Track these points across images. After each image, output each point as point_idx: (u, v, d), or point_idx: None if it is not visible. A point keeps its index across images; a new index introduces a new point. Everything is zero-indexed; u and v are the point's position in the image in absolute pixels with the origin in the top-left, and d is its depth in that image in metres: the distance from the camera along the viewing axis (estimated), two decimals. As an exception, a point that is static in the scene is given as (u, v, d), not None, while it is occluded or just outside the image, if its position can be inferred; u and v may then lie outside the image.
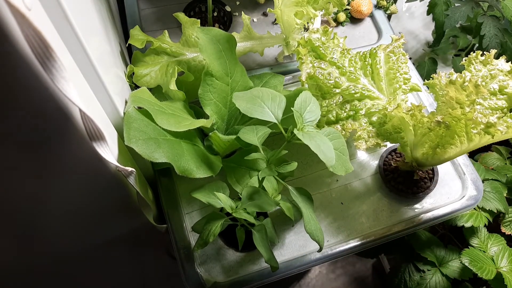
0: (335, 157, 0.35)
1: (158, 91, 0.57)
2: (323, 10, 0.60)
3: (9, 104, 0.25)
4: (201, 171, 0.48)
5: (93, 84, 0.39)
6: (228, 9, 0.73)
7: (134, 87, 0.57)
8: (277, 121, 0.35)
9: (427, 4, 0.83)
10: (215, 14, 0.72)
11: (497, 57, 0.52)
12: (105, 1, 0.58)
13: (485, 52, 0.52)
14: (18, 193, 0.35)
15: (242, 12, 0.64)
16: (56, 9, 0.31)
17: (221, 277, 0.52)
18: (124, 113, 0.45)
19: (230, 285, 0.51)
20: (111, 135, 0.41)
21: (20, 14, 0.21)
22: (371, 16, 0.76)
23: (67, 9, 0.32)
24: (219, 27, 0.71)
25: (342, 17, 0.74)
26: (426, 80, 0.53)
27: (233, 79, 0.53)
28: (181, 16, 0.60)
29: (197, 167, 0.48)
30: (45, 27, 0.27)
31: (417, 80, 0.67)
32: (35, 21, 0.22)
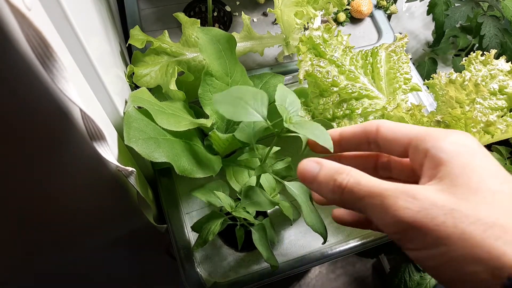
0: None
1: (158, 91, 0.57)
2: (323, 10, 0.60)
3: (9, 103, 0.25)
4: (201, 170, 0.48)
5: (93, 84, 0.39)
6: (228, 9, 0.73)
7: (134, 87, 0.57)
8: (264, 119, 0.35)
9: (427, 4, 0.83)
10: (215, 14, 0.73)
11: (497, 57, 0.52)
12: (105, 1, 0.58)
13: (485, 52, 0.52)
14: (18, 193, 0.36)
15: (242, 12, 0.65)
16: (56, 9, 0.31)
17: (221, 277, 0.52)
18: (124, 113, 0.45)
19: (230, 285, 0.51)
20: (111, 135, 0.41)
21: (20, 14, 0.21)
22: (371, 16, 0.76)
23: (67, 9, 0.32)
24: (219, 27, 0.71)
25: (342, 17, 0.74)
26: (426, 80, 0.53)
27: (233, 79, 0.53)
28: (181, 16, 0.60)
29: (197, 166, 0.48)
30: (45, 27, 0.27)
31: (417, 80, 0.67)
32: (35, 21, 0.22)
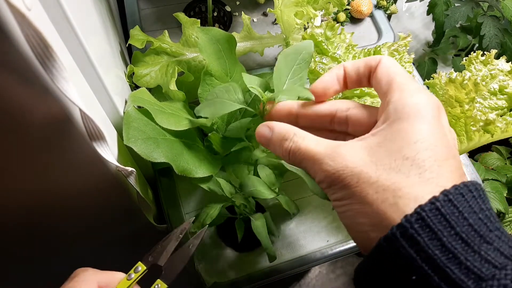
0: None
1: (158, 91, 0.57)
2: (323, 10, 0.60)
3: (9, 103, 0.25)
4: (201, 170, 0.48)
5: (93, 84, 0.39)
6: (228, 9, 0.73)
7: (134, 87, 0.57)
8: (242, 104, 0.36)
9: (427, 4, 0.83)
10: (215, 14, 0.73)
11: (497, 57, 0.52)
12: (105, 1, 0.58)
13: (485, 52, 0.52)
14: (17, 193, 0.36)
15: (242, 12, 0.65)
16: (56, 9, 0.31)
17: (221, 277, 0.52)
18: (124, 112, 0.45)
19: (230, 285, 0.51)
20: (111, 135, 0.41)
21: (20, 14, 0.21)
22: (371, 16, 0.76)
23: (67, 9, 0.32)
24: (219, 27, 0.71)
25: (342, 17, 0.74)
26: (426, 80, 0.53)
27: (233, 79, 0.53)
28: (181, 16, 0.60)
29: (196, 166, 0.48)
30: (45, 27, 0.27)
31: (417, 80, 0.67)
32: (35, 21, 0.22)
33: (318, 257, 0.53)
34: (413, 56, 0.56)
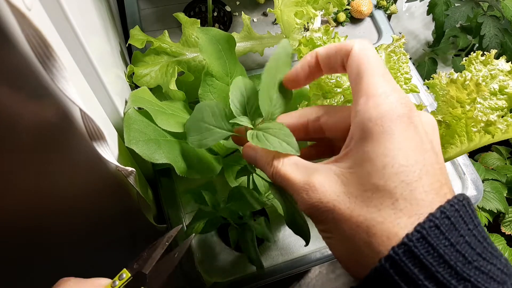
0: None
1: (158, 91, 0.57)
2: (323, 10, 0.60)
3: (8, 103, 0.25)
4: (202, 171, 0.48)
5: (93, 84, 0.39)
6: (228, 9, 0.73)
7: (134, 87, 0.57)
8: (230, 132, 0.34)
9: (427, 4, 0.83)
10: (215, 14, 0.72)
11: (497, 57, 0.52)
12: (105, 1, 0.58)
13: (485, 52, 0.52)
14: (17, 193, 0.35)
15: (242, 12, 0.64)
16: (56, 9, 0.31)
17: (221, 277, 0.52)
18: (124, 114, 0.45)
19: (230, 285, 0.51)
20: (111, 135, 0.41)
21: (20, 14, 0.21)
22: (371, 16, 0.76)
23: (67, 9, 0.32)
24: (219, 27, 0.71)
25: (342, 17, 0.74)
26: (426, 80, 0.53)
27: (233, 79, 0.53)
28: (181, 16, 0.60)
29: (197, 167, 0.48)
30: (45, 27, 0.27)
31: (417, 80, 0.67)
32: (35, 21, 0.22)
33: (318, 257, 0.53)
34: (409, 56, 0.56)
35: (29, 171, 0.33)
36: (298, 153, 0.30)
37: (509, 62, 0.51)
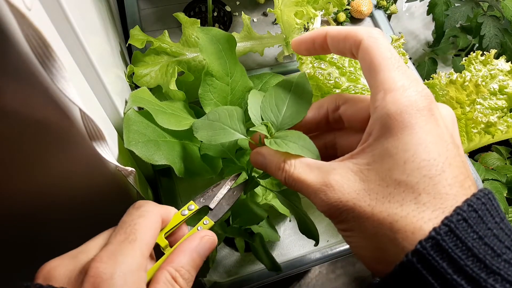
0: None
1: (158, 91, 0.57)
2: (323, 10, 0.60)
3: (8, 103, 0.25)
4: (202, 172, 0.48)
5: (93, 84, 0.39)
6: (228, 9, 0.73)
7: (134, 87, 0.57)
8: (243, 136, 0.34)
9: (427, 4, 0.83)
10: (215, 14, 0.72)
11: (497, 57, 0.52)
12: (105, 1, 0.58)
13: (485, 52, 0.52)
14: (17, 193, 0.35)
15: (242, 12, 0.64)
16: (56, 9, 0.31)
17: (221, 277, 0.52)
18: (124, 114, 0.45)
19: (230, 285, 0.51)
20: (111, 135, 0.41)
21: (20, 14, 0.21)
22: (371, 16, 0.76)
23: (67, 9, 0.32)
24: (219, 27, 0.71)
25: (342, 17, 0.74)
26: (426, 80, 0.53)
27: (233, 79, 0.53)
28: (181, 16, 0.60)
29: (197, 168, 0.48)
30: (45, 27, 0.27)
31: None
32: (35, 21, 0.22)
33: (318, 257, 0.53)
34: (408, 56, 0.56)
35: (28, 170, 0.33)
36: (318, 158, 0.29)
37: (509, 62, 0.51)
